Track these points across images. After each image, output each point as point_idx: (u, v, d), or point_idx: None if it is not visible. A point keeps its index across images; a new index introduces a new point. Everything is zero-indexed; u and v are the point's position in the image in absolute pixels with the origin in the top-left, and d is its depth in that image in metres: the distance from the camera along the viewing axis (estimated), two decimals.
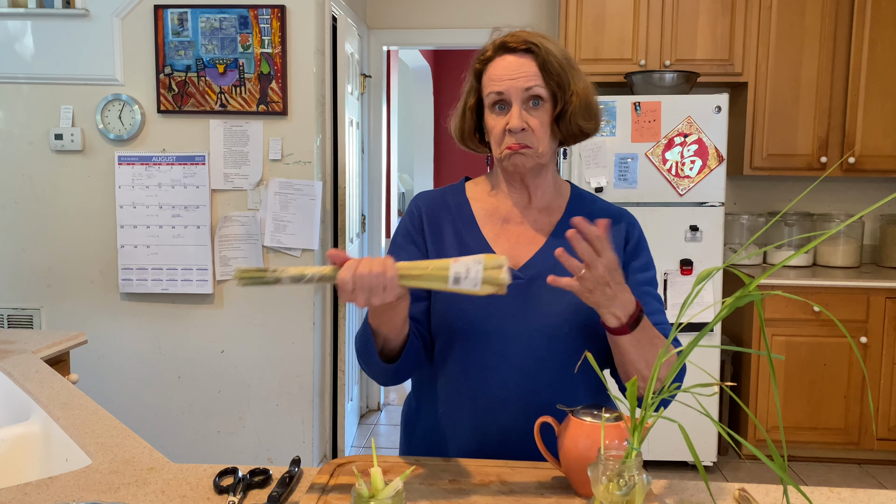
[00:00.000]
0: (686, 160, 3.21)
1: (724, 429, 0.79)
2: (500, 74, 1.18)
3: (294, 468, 1.13)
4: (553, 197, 1.29)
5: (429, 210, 1.30)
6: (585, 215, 1.26)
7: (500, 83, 1.18)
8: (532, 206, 1.28)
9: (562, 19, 3.60)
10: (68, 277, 3.01)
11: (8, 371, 1.67)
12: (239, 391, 3.02)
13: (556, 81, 1.18)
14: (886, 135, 3.52)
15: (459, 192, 1.33)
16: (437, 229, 1.28)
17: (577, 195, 1.32)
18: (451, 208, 1.30)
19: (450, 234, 1.27)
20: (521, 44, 1.18)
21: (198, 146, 2.93)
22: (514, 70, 1.17)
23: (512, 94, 1.17)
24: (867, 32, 3.46)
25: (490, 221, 1.28)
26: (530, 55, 1.18)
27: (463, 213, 1.29)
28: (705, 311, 2.30)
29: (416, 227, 1.29)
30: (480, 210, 1.29)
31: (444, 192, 1.33)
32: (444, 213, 1.29)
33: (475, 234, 1.26)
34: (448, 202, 1.31)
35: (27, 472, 1.41)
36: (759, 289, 2.11)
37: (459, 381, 1.24)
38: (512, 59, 1.19)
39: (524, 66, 1.17)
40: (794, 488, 0.78)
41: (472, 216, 1.28)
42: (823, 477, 3.31)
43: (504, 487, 1.07)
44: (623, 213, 1.30)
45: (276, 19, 2.83)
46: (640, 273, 1.25)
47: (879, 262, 3.82)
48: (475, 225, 1.27)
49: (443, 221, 1.28)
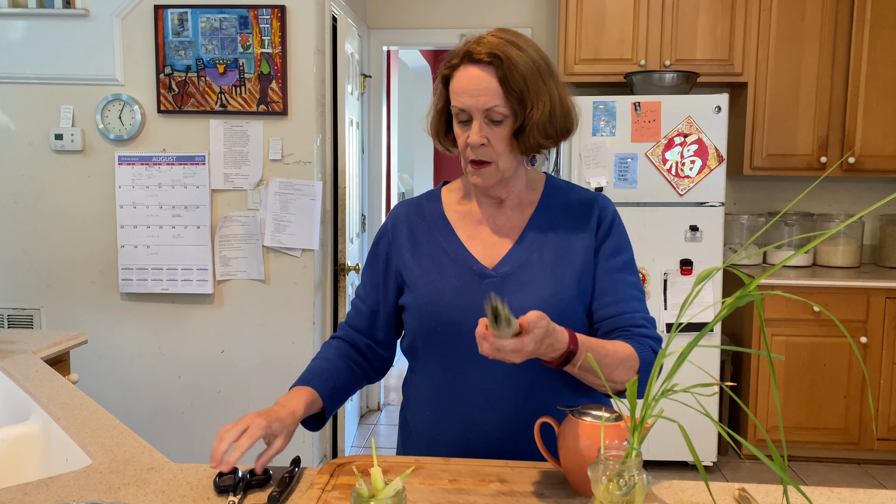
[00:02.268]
0: (686, 160, 3.21)
1: (724, 429, 0.79)
2: (462, 88, 1.18)
3: (294, 468, 1.14)
4: (525, 193, 1.31)
5: (407, 217, 1.34)
6: (560, 207, 1.30)
7: (462, 99, 1.18)
8: (504, 206, 1.30)
9: (562, 19, 3.60)
10: (68, 277, 3.01)
11: (8, 371, 1.67)
12: (239, 391, 3.02)
13: (517, 98, 1.17)
14: (886, 135, 3.52)
15: (435, 197, 1.36)
16: (413, 235, 1.31)
17: (551, 186, 1.33)
18: (426, 215, 1.33)
19: (426, 238, 1.30)
20: (485, 55, 1.16)
21: (198, 146, 2.93)
22: (475, 86, 1.16)
23: (473, 111, 1.18)
24: (867, 32, 3.46)
25: (464, 224, 1.30)
26: (492, 68, 1.16)
27: (438, 218, 1.32)
28: (705, 311, 2.31)
29: (390, 238, 1.34)
30: (454, 214, 1.32)
31: (420, 200, 1.37)
32: (420, 220, 1.33)
33: (450, 236, 1.29)
34: (423, 209, 1.34)
35: (27, 472, 1.41)
36: (759, 289, 2.11)
37: (441, 381, 1.26)
38: (475, 71, 1.17)
39: (484, 82, 1.16)
40: (794, 488, 0.78)
41: (446, 220, 1.31)
42: (823, 477, 3.31)
43: (504, 487, 1.07)
44: (597, 197, 1.31)
45: (276, 19, 2.83)
46: (611, 258, 1.26)
47: (879, 262, 3.82)
48: (449, 228, 1.30)
49: (418, 228, 1.32)
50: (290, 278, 2.95)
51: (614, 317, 1.23)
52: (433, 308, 1.24)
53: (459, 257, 1.26)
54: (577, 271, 1.24)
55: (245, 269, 2.95)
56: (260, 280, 2.96)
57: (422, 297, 1.25)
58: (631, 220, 3.25)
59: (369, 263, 1.37)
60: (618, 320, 1.22)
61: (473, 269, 1.24)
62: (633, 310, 1.23)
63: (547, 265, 1.23)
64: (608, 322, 1.23)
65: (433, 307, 1.24)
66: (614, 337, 1.21)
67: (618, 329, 1.22)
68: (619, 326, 1.22)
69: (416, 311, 1.27)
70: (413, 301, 1.27)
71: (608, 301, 1.23)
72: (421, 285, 1.26)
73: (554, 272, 1.23)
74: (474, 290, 1.22)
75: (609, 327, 1.23)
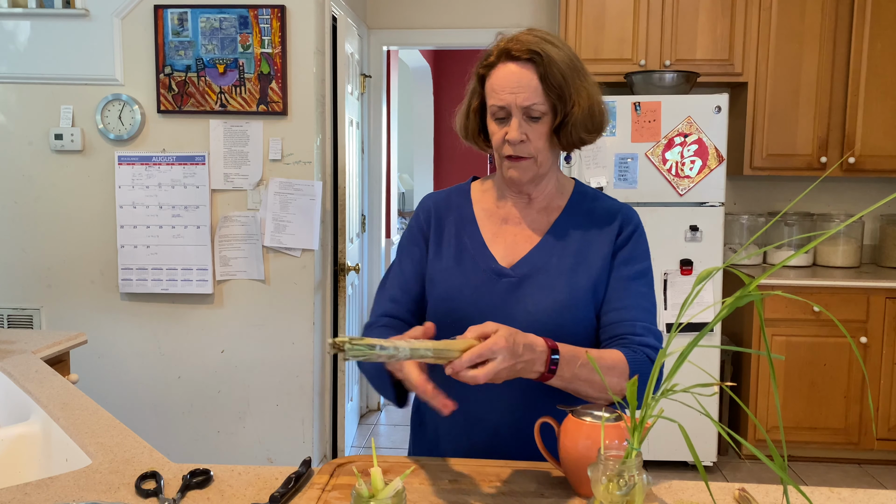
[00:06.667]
0: (686, 160, 3.21)
1: (724, 429, 0.79)
2: (501, 85, 1.18)
3: (303, 469, 1.12)
4: (554, 196, 1.30)
5: (436, 210, 1.34)
6: (585, 213, 1.29)
7: (501, 96, 1.18)
8: (532, 206, 1.29)
9: (562, 19, 3.60)
10: (68, 277, 3.01)
11: (8, 371, 1.67)
12: (239, 391, 3.02)
13: (556, 94, 1.17)
14: (886, 135, 3.52)
15: (464, 192, 1.36)
16: (440, 228, 1.31)
17: (579, 193, 1.32)
18: (454, 208, 1.33)
19: (450, 233, 1.30)
20: (524, 52, 1.16)
21: (198, 146, 2.93)
22: (515, 83, 1.17)
23: (512, 108, 1.18)
24: (867, 32, 3.46)
25: (490, 222, 1.30)
26: (532, 65, 1.17)
27: (464, 213, 1.32)
28: (705, 311, 2.30)
29: (421, 228, 1.33)
30: (481, 210, 1.32)
31: (450, 193, 1.37)
32: (448, 213, 1.32)
33: (474, 233, 1.29)
34: (452, 202, 1.34)
35: (27, 472, 1.41)
36: (759, 289, 2.11)
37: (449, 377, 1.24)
38: (514, 68, 1.17)
39: (525, 79, 1.16)
40: (794, 488, 0.78)
41: (472, 216, 1.31)
42: (823, 477, 3.31)
43: (504, 487, 1.07)
44: (622, 207, 1.31)
45: (276, 19, 2.83)
46: (625, 266, 1.24)
47: (879, 262, 3.82)
48: (475, 224, 1.30)
49: (446, 221, 1.32)
50: (290, 278, 2.95)
51: (615, 323, 1.21)
52: (448, 305, 1.24)
53: (479, 255, 1.26)
54: (593, 278, 1.23)
55: (245, 269, 2.95)
56: (260, 280, 2.95)
57: (439, 292, 1.26)
58: None
59: (406, 254, 1.33)
60: (617, 327, 1.20)
61: (492, 267, 1.24)
62: (635, 318, 1.20)
63: (564, 269, 1.23)
64: (610, 328, 1.21)
65: (448, 304, 1.24)
66: (612, 344, 1.19)
67: (616, 336, 1.20)
68: (617, 334, 1.20)
69: (431, 306, 1.27)
70: (430, 295, 1.27)
71: (613, 307, 1.22)
72: (439, 280, 1.27)
73: (570, 277, 1.22)
74: (491, 288, 1.22)
75: (608, 334, 1.21)
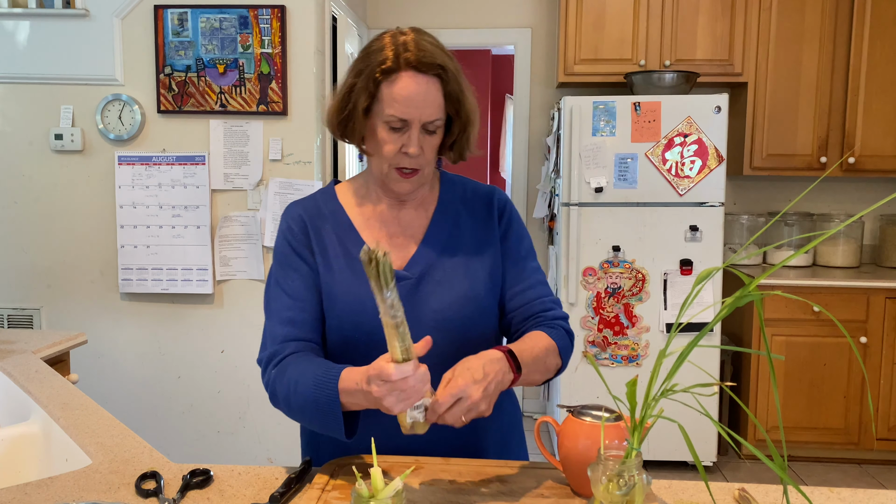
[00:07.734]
0: (686, 160, 3.21)
1: (724, 429, 0.79)
2: (405, 98, 1.14)
3: (303, 469, 1.12)
4: (425, 192, 1.31)
5: (309, 219, 1.27)
6: (459, 202, 1.31)
7: (405, 110, 1.14)
8: (407, 205, 1.29)
9: (562, 19, 3.60)
10: (68, 277, 3.01)
11: (8, 371, 1.67)
12: (239, 391, 3.02)
13: (455, 108, 1.18)
14: (886, 135, 3.52)
15: (331, 197, 1.30)
16: (321, 238, 1.26)
17: (447, 182, 1.34)
18: (328, 216, 1.28)
19: (332, 242, 1.25)
20: (430, 67, 1.14)
21: (198, 146, 2.93)
22: (422, 98, 1.14)
23: (413, 122, 1.15)
24: (867, 32, 3.46)
25: (368, 226, 1.27)
26: (438, 80, 1.15)
27: (340, 219, 1.27)
28: (705, 311, 2.31)
29: (300, 241, 1.25)
30: (357, 216, 1.28)
31: (316, 200, 1.30)
32: (322, 222, 1.27)
33: (356, 240, 1.25)
34: (323, 210, 1.28)
35: (27, 472, 1.41)
36: (758, 289, 2.11)
37: None
38: (421, 81, 1.14)
39: (431, 95, 1.15)
40: (794, 488, 0.78)
41: (349, 222, 1.27)
42: (823, 477, 3.31)
43: (504, 487, 1.07)
44: (493, 189, 1.34)
45: (276, 19, 2.83)
46: (516, 247, 1.30)
47: (879, 262, 3.82)
48: (354, 231, 1.26)
49: (323, 230, 1.26)
50: None
51: (527, 304, 1.27)
52: (355, 318, 1.20)
53: None
54: (488, 265, 1.26)
55: (245, 269, 2.95)
56: (260, 280, 2.95)
57: (342, 306, 1.21)
58: (631, 220, 3.25)
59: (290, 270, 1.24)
60: (530, 307, 1.26)
61: None
62: (542, 294, 1.28)
63: (458, 262, 1.24)
64: (522, 310, 1.27)
65: (355, 317, 1.20)
66: (529, 324, 1.25)
67: (532, 316, 1.26)
68: (532, 313, 1.26)
69: (335, 322, 1.22)
70: (332, 311, 1.22)
71: (519, 290, 1.27)
72: (339, 293, 1.22)
73: (467, 268, 1.24)
74: None
75: (523, 315, 1.26)
